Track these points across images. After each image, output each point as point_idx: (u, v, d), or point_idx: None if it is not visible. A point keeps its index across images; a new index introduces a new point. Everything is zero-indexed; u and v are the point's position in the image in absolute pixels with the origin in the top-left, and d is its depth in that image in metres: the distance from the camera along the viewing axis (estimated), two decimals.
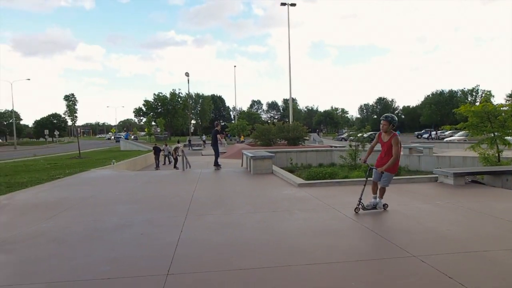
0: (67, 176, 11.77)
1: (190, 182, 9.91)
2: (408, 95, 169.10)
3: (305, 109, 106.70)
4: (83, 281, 3.28)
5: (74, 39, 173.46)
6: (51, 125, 79.51)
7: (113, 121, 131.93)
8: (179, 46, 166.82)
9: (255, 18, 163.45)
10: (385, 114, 5.72)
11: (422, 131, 61.80)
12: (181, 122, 78.28)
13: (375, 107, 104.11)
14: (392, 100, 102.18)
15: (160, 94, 76.84)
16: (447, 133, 51.94)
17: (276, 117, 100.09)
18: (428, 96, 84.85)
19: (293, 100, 57.33)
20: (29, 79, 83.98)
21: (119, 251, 4.13)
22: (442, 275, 3.20)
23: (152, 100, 76.58)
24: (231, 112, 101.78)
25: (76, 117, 23.37)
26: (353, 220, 5.30)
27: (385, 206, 5.82)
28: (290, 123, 34.25)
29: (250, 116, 78.72)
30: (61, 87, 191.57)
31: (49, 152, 34.47)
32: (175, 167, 18.47)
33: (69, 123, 34.35)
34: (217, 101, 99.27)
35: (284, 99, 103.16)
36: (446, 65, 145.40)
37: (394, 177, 6.11)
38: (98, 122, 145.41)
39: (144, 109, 77.43)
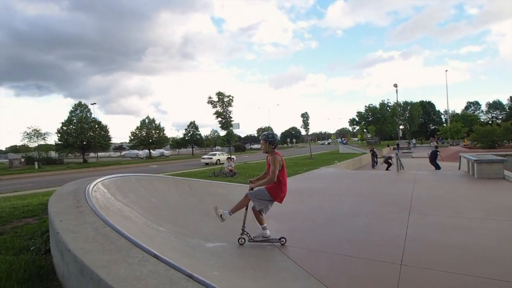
0: (305, 172, 13.23)
1: (407, 182, 8.91)
2: None
3: None
4: (330, 253, 3.57)
5: (304, 72, 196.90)
6: (290, 135, 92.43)
7: (331, 130, 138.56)
8: (386, 62, 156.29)
9: (469, 19, 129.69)
10: (263, 133, 4.12)
11: None
12: (390, 128, 72.64)
13: None
14: None
15: (371, 105, 74.85)
16: None
17: (500, 117, 74.25)
18: None
19: None
20: (278, 105, 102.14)
21: (353, 234, 4.22)
22: None
23: (363, 111, 75.62)
24: (442, 116, 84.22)
25: (308, 128, 26.18)
26: None
27: (281, 240, 3.89)
28: None
29: (465, 118, 62.31)
30: (297, 107, 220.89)
31: (290, 154, 39.98)
32: (387, 169, 17.17)
33: (303, 132, 38.60)
34: (426, 106, 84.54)
35: (510, 97, 75.43)
36: None
37: None
38: (321, 131, 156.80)
39: (357, 119, 77.47)
